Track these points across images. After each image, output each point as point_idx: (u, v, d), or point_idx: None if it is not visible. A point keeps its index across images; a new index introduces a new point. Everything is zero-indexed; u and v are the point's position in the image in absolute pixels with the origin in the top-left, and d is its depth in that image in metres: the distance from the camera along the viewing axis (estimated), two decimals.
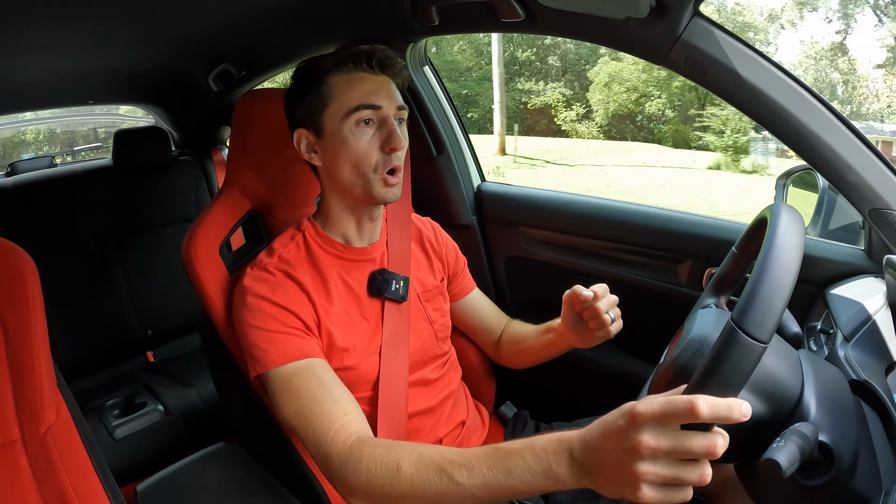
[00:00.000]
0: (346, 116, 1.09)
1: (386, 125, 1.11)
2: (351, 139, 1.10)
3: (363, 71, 1.12)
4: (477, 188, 1.92)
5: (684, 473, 0.63)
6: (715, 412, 0.59)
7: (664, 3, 1.07)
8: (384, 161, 1.11)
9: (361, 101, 1.09)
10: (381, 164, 1.11)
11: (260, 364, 1.04)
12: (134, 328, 2.35)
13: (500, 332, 1.45)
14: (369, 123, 1.10)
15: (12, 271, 0.96)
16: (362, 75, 1.11)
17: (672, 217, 1.58)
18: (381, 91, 1.11)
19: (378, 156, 1.10)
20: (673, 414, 0.61)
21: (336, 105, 1.10)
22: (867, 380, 0.89)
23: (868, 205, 1.09)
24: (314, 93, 1.12)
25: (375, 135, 1.11)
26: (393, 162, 1.11)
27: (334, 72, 1.11)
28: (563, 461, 0.71)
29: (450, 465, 0.80)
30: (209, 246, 1.25)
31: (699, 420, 0.59)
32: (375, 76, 1.12)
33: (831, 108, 1.08)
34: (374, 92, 1.10)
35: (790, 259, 0.68)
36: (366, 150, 1.10)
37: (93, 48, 1.67)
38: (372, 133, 1.11)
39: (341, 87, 1.11)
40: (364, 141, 1.10)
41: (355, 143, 1.10)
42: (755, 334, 0.63)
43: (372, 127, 1.11)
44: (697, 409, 0.59)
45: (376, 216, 1.22)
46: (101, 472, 0.94)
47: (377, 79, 1.12)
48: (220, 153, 2.71)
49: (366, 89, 1.10)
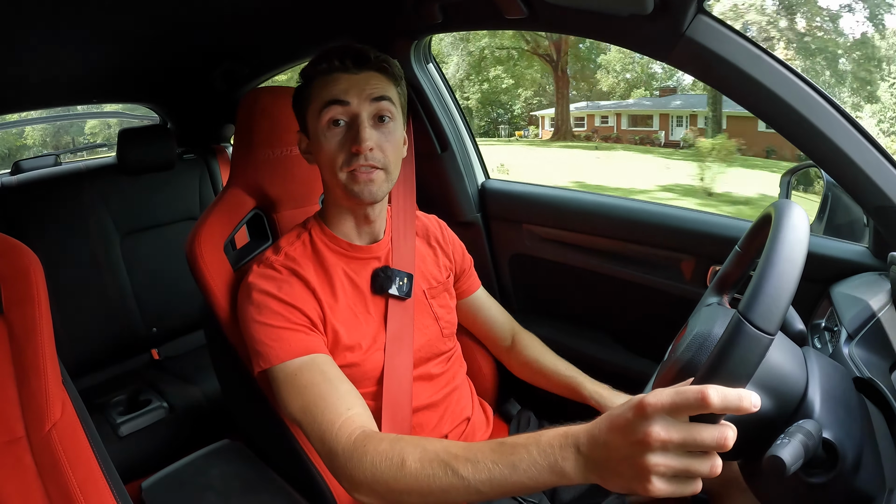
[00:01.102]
0: (318, 116, 1.09)
1: (353, 126, 1.08)
2: (323, 140, 1.10)
3: (337, 71, 1.10)
4: (481, 185, 1.92)
5: (695, 465, 0.62)
6: (726, 402, 0.59)
7: (668, 0, 1.07)
8: (349, 160, 1.09)
9: (330, 97, 1.08)
10: (346, 163, 1.09)
11: (265, 359, 1.04)
12: (138, 326, 2.36)
13: (509, 335, 1.47)
14: (339, 124, 1.09)
15: (18, 269, 0.97)
16: (337, 76, 1.10)
17: (676, 215, 1.57)
18: (352, 89, 1.09)
19: (345, 155, 1.09)
20: (683, 404, 0.60)
21: (314, 105, 1.11)
22: (871, 377, 0.89)
23: (873, 202, 1.09)
24: (301, 95, 1.14)
25: (346, 135, 1.09)
26: (359, 161, 1.08)
27: (313, 73, 1.12)
28: (569, 456, 0.70)
29: (455, 460, 0.80)
30: (213, 244, 1.25)
31: (710, 410, 0.59)
32: (353, 75, 1.10)
33: (836, 104, 1.07)
34: (344, 90, 1.09)
35: (796, 252, 0.68)
36: (335, 150, 1.09)
37: (98, 47, 1.68)
38: (343, 133, 1.09)
39: (318, 89, 1.11)
40: (335, 142, 1.09)
41: (326, 143, 1.10)
42: (762, 326, 0.63)
43: (343, 127, 1.09)
44: (709, 398, 0.58)
45: (372, 217, 1.20)
46: (106, 468, 0.94)
47: (353, 77, 1.10)
48: (225, 151, 2.72)
49: (338, 88, 1.09)
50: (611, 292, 1.66)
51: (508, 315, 1.49)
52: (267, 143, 1.30)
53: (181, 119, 2.69)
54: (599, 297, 1.70)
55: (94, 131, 11.53)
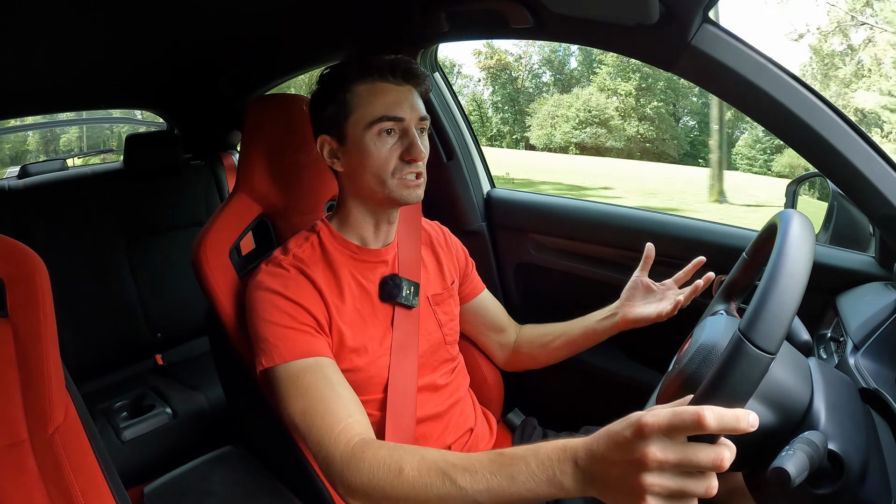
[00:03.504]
0: (368, 126, 1.11)
1: (407, 136, 1.12)
2: (372, 148, 1.11)
3: (386, 81, 1.12)
4: (487, 194, 1.93)
5: (690, 486, 0.62)
6: (722, 423, 0.59)
7: (673, 10, 1.07)
8: (402, 168, 1.12)
9: (384, 112, 1.10)
10: (398, 170, 1.12)
11: (268, 357, 1.04)
12: (143, 331, 2.37)
13: (512, 334, 1.47)
14: (391, 133, 1.12)
15: (23, 273, 0.97)
16: (385, 86, 1.12)
17: (681, 224, 1.57)
18: (403, 102, 1.12)
19: (397, 163, 1.12)
20: (680, 426, 0.60)
21: (359, 114, 1.12)
22: (877, 388, 0.88)
23: (879, 211, 1.09)
24: (338, 101, 1.13)
25: (397, 144, 1.12)
26: (412, 170, 1.13)
27: (358, 81, 1.12)
28: (567, 469, 0.71)
29: (453, 469, 0.80)
30: (219, 250, 1.25)
31: (706, 431, 0.59)
32: (399, 87, 1.13)
33: (842, 114, 1.07)
34: (397, 103, 1.11)
35: (799, 268, 0.67)
36: (386, 158, 1.11)
37: (106, 52, 1.69)
38: (393, 142, 1.12)
39: (365, 98, 1.12)
40: (385, 150, 1.11)
41: (377, 151, 1.11)
42: (763, 345, 0.62)
43: (394, 136, 1.12)
44: (705, 420, 0.58)
45: (394, 219, 1.24)
46: (108, 473, 0.94)
47: (400, 89, 1.13)
48: (231, 158, 2.73)
49: (389, 100, 1.11)
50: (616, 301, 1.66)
51: (512, 320, 1.51)
52: (273, 150, 1.31)
53: (188, 125, 2.71)
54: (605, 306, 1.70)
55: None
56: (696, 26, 1.09)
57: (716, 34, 1.09)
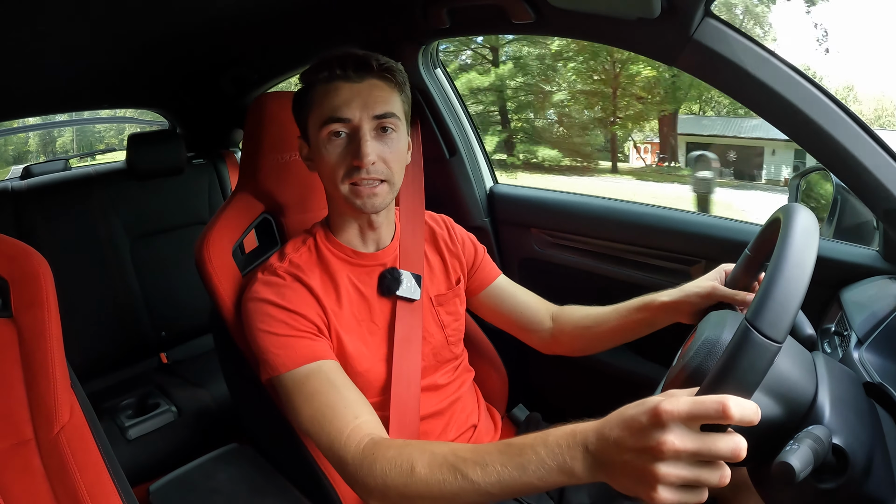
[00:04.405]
0: (320, 129, 1.07)
1: (355, 138, 1.06)
2: (324, 151, 1.08)
3: (338, 79, 1.07)
4: (489, 190, 1.93)
5: (704, 475, 0.61)
6: (743, 414, 0.58)
7: (675, 4, 1.06)
8: (352, 174, 1.07)
9: (331, 112, 1.06)
10: (348, 175, 1.08)
11: (272, 368, 1.04)
12: (147, 330, 2.37)
13: (547, 316, 1.36)
14: (340, 135, 1.07)
15: (27, 273, 0.98)
16: (337, 84, 1.07)
17: (685, 219, 1.57)
18: (354, 100, 1.06)
19: (346, 168, 1.07)
20: (702, 415, 0.59)
21: (315, 116, 1.09)
22: (881, 382, 0.88)
23: (882, 205, 1.08)
24: (301, 101, 1.12)
25: (348, 147, 1.07)
26: (361, 175, 1.07)
27: (313, 81, 1.09)
28: (577, 455, 0.70)
29: (463, 464, 0.80)
30: (222, 248, 1.25)
31: (729, 422, 0.58)
32: (354, 84, 1.07)
33: (845, 108, 1.07)
34: (345, 102, 1.06)
35: (805, 258, 0.67)
36: (336, 162, 1.07)
37: (107, 52, 1.69)
38: (344, 145, 1.07)
39: (318, 98, 1.08)
40: (335, 154, 1.07)
41: (327, 156, 1.08)
42: (770, 334, 0.62)
43: (344, 139, 1.07)
44: (729, 410, 0.57)
45: (376, 224, 1.19)
46: (114, 471, 0.94)
47: (355, 86, 1.07)
48: (234, 156, 2.73)
49: (338, 100, 1.06)
50: (620, 296, 1.66)
51: (542, 298, 1.40)
52: (276, 148, 1.31)
53: (190, 124, 2.71)
54: (609, 301, 1.70)
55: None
56: (698, 20, 1.08)
57: (718, 28, 1.09)
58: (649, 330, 1.21)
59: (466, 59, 8.91)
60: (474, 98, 8.77)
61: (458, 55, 8.80)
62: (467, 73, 8.71)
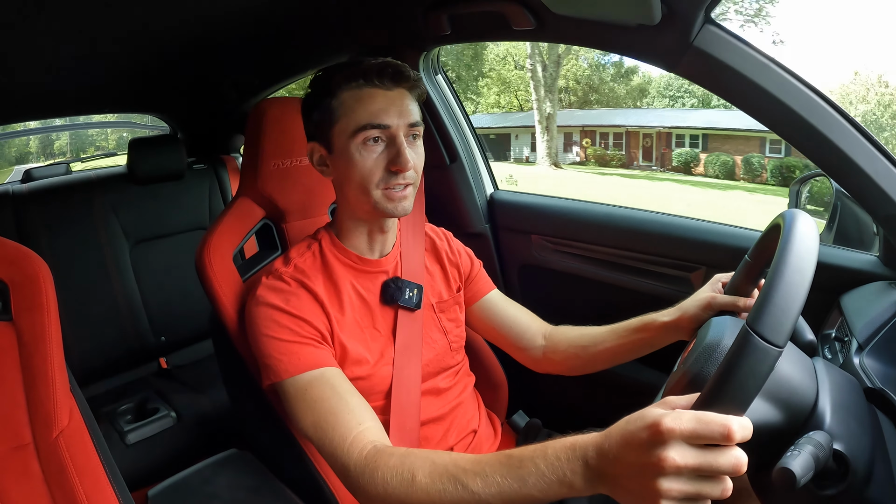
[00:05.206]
0: (353, 135, 1.06)
1: (394, 144, 1.07)
2: (357, 158, 1.07)
3: (373, 87, 1.07)
4: (490, 196, 1.93)
5: (706, 489, 0.61)
6: (745, 435, 0.59)
7: (675, 10, 1.07)
8: (388, 179, 1.08)
9: (369, 120, 1.06)
10: (383, 181, 1.08)
11: (274, 373, 1.04)
12: (147, 335, 2.37)
13: (539, 334, 1.35)
14: (377, 141, 1.07)
15: (27, 276, 0.97)
16: (372, 91, 1.07)
17: (685, 225, 1.57)
18: (391, 108, 1.07)
19: (382, 174, 1.08)
20: (706, 436, 0.60)
21: (345, 122, 1.08)
22: (882, 388, 0.88)
23: (883, 211, 1.08)
24: (325, 107, 1.10)
25: (383, 153, 1.07)
26: (398, 181, 1.08)
27: (343, 87, 1.08)
28: (577, 468, 0.70)
29: (464, 474, 0.80)
30: (223, 254, 1.25)
31: (733, 443, 0.59)
32: (387, 91, 1.08)
33: (845, 114, 1.07)
34: (383, 110, 1.06)
35: (805, 263, 0.67)
36: (371, 168, 1.07)
37: (109, 57, 1.69)
38: (380, 151, 1.07)
39: (350, 105, 1.07)
40: (371, 159, 1.07)
41: (361, 161, 1.07)
42: (771, 338, 0.62)
43: (380, 144, 1.07)
44: (733, 434, 0.58)
45: (387, 228, 1.20)
46: (113, 476, 0.94)
47: (389, 94, 1.08)
48: (234, 161, 2.73)
49: (375, 107, 1.06)
50: (620, 303, 1.66)
51: (536, 316, 1.40)
52: (276, 153, 1.31)
53: (191, 129, 2.72)
54: (609, 308, 1.69)
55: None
56: (699, 27, 1.09)
57: (718, 35, 1.09)
58: (649, 350, 1.21)
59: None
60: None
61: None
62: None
